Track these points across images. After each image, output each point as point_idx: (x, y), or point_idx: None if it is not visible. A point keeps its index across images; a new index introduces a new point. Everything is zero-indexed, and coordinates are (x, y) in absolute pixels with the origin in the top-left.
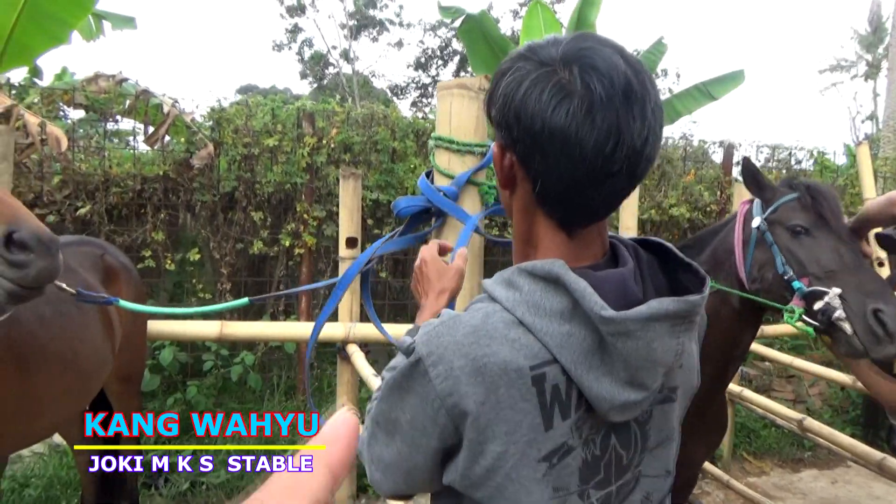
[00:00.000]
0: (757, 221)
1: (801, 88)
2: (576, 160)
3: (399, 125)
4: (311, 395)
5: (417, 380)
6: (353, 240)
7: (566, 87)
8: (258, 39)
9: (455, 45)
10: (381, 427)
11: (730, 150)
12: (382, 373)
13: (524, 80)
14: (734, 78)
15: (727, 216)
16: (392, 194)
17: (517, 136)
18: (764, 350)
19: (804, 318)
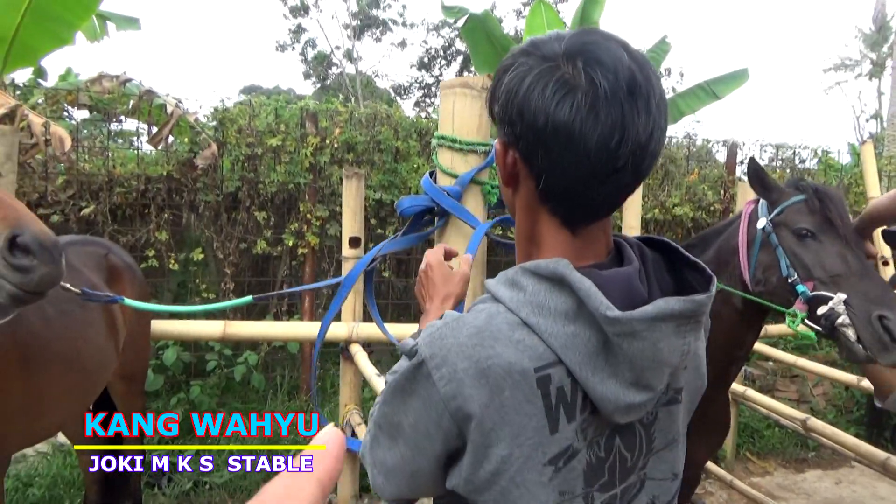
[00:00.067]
0: (762, 223)
1: (805, 87)
2: (580, 156)
3: (402, 125)
4: (315, 395)
5: (420, 382)
6: (356, 239)
7: (570, 81)
8: (261, 40)
9: (458, 44)
10: (383, 431)
11: (733, 149)
12: (386, 376)
13: (527, 76)
14: (738, 77)
15: (731, 216)
16: (395, 194)
17: (520, 133)
18: (768, 350)
19: (806, 322)
